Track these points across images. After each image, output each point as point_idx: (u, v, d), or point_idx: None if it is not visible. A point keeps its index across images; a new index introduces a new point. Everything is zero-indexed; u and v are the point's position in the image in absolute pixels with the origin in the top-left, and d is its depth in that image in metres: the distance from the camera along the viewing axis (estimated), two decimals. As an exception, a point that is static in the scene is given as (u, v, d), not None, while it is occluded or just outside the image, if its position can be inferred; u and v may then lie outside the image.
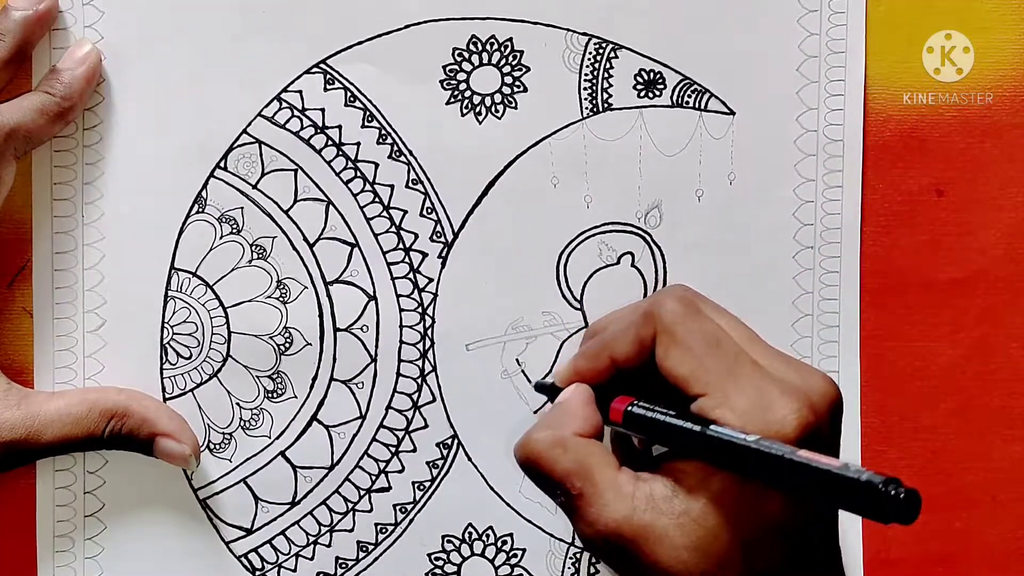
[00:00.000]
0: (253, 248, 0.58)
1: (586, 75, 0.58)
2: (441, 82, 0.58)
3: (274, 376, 0.58)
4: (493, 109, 0.58)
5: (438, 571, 0.59)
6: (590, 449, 0.48)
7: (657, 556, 0.46)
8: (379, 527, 0.59)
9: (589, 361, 0.52)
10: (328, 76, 0.57)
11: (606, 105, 0.58)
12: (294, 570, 0.59)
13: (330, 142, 0.58)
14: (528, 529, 0.59)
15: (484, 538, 0.59)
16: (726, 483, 0.46)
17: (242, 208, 0.58)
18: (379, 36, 0.57)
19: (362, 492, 0.59)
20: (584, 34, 0.58)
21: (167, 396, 0.58)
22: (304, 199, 0.58)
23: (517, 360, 0.58)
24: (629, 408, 0.50)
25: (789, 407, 0.46)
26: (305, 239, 0.58)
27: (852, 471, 0.42)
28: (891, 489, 0.41)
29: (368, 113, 0.58)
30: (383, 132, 0.58)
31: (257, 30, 0.57)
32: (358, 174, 0.58)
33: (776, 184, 0.59)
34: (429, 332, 0.58)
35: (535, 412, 0.59)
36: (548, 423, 0.50)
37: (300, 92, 0.57)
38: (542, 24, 0.58)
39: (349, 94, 0.58)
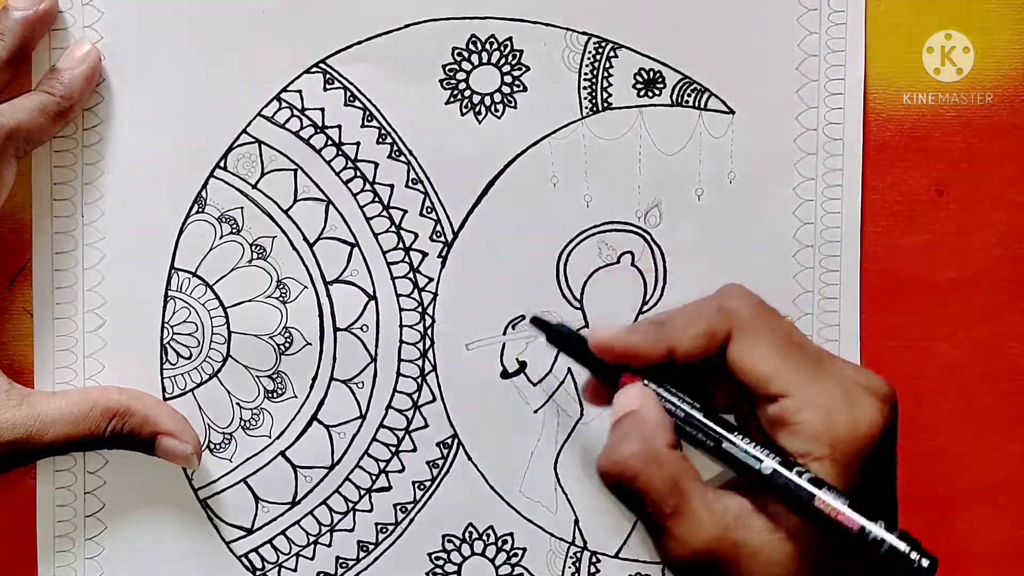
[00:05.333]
0: (253, 248, 0.58)
1: (586, 74, 0.58)
2: (441, 82, 0.58)
3: (274, 376, 0.58)
4: (493, 109, 0.58)
5: (438, 571, 0.59)
6: (683, 465, 0.46)
7: (751, 573, 0.44)
8: (379, 527, 0.59)
9: (646, 342, 0.48)
10: (328, 76, 0.57)
11: (606, 104, 0.58)
12: (294, 570, 0.59)
13: (330, 142, 0.58)
14: (528, 528, 0.59)
15: (484, 537, 0.59)
16: None
17: (242, 208, 0.58)
18: (379, 36, 0.57)
19: (362, 492, 0.59)
20: (584, 33, 0.58)
21: (167, 396, 0.58)
22: (304, 199, 0.58)
23: (517, 359, 0.58)
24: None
25: (874, 405, 0.45)
26: (305, 239, 0.58)
27: (873, 536, 0.42)
28: (917, 557, 0.42)
29: (368, 113, 0.58)
30: (383, 132, 0.58)
31: (257, 30, 0.57)
32: (358, 174, 0.58)
33: (776, 183, 0.59)
34: (429, 332, 0.58)
35: (535, 412, 0.59)
36: (632, 436, 0.46)
37: (300, 92, 0.57)
38: (541, 23, 0.58)
39: (349, 94, 0.58)
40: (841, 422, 0.45)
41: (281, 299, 0.58)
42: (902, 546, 0.42)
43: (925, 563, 0.41)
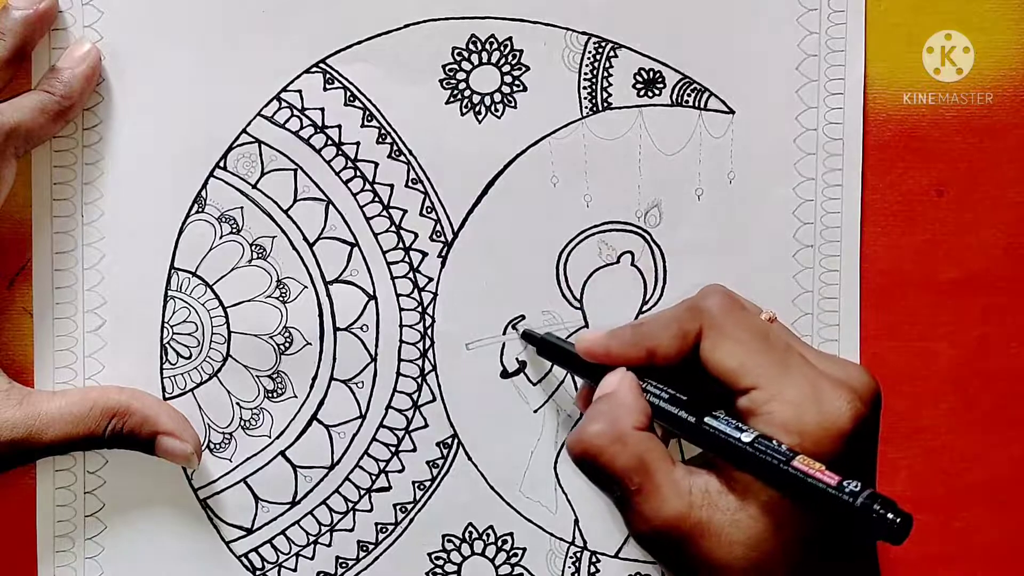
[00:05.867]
0: (253, 248, 0.58)
1: (586, 74, 0.58)
2: (441, 81, 0.58)
3: (274, 376, 0.58)
4: (493, 108, 0.58)
5: (438, 570, 0.59)
6: (649, 444, 0.47)
7: (711, 551, 0.45)
8: (379, 527, 0.59)
9: (625, 347, 0.51)
10: (328, 76, 0.57)
11: (606, 104, 0.58)
12: (294, 570, 0.59)
13: (330, 141, 0.58)
14: (528, 528, 0.59)
15: (484, 537, 0.59)
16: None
17: (242, 208, 0.58)
18: (379, 36, 0.57)
19: (362, 492, 0.59)
20: (584, 33, 0.58)
21: (167, 396, 0.58)
22: (304, 199, 0.58)
23: (517, 359, 0.58)
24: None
25: (843, 398, 0.46)
26: (305, 239, 0.58)
27: (846, 492, 0.42)
28: (887, 513, 0.42)
29: (368, 113, 0.58)
30: (383, 131, 0.58)
31: (257, 30, 0.57)
32: (358, 173, 0.58)
33: (776, 183, 0.59)
34: (429, 331, 0.58)
35: (535, 411, 0.59)
36: (602, 416, 0.48)
37: (300, 92, 0.57)
38: (541, 23, 0.58)
39: (349, 94, 0.58)
40: (808, 415, 0.45)
41: (281, 299, 0.58)
42: (879, 498, 0.42)
43: (899, 520, 0.41)
